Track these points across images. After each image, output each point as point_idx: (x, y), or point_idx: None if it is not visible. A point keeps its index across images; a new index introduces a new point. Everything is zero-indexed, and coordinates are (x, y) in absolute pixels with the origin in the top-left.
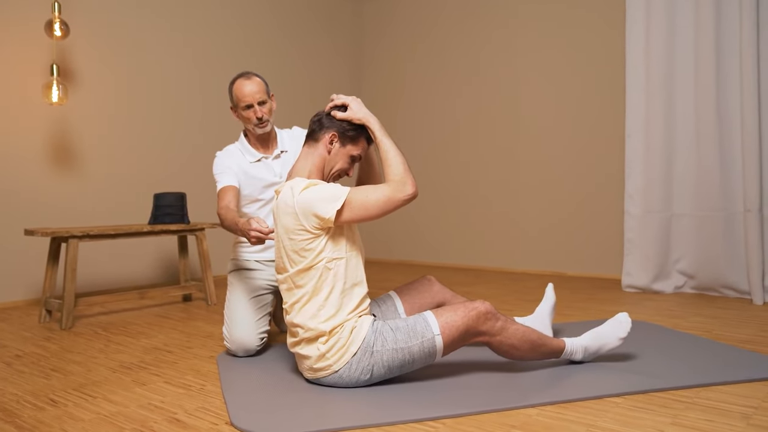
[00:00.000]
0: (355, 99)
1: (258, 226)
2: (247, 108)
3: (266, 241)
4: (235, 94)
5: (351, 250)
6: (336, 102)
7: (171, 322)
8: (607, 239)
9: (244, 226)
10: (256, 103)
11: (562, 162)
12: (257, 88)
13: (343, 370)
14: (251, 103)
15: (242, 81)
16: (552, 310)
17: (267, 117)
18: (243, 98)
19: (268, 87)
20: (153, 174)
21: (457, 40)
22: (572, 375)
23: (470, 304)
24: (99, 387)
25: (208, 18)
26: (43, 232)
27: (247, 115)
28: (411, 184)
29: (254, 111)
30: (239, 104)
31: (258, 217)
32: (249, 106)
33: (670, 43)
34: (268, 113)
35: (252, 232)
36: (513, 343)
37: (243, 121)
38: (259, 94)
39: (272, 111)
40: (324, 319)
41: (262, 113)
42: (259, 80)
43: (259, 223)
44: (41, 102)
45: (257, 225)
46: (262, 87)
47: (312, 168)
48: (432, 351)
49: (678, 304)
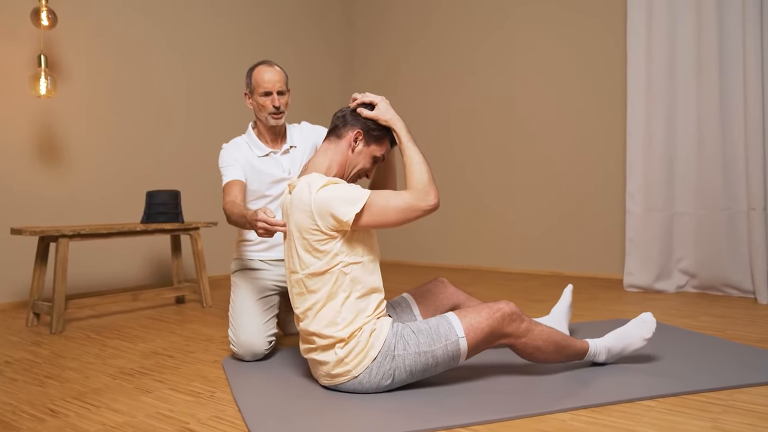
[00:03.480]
0: (383, 99)
1: (265, 216)
2: (265, 95)
3: (275, 234)
4: (255, 79)
5: (368, 253)
6: (364, 99)
7: (166, 325)
8: (607, 238)
9: (252, 217)
10: (275, 91)
11: (562, 161)
12: (278, 77)
13: (363, 376)
14: (270, 91)
15: (264, 67)
16: (568, 311)
17: (283, 108)
18: (263, 84)
19: (288, 80)
20: (146, 171)
21: (452, 40)
22: (599, 377)
23: (494, 305)
24: (100, 395)
25: (199, 10)
26: (32, 231)
27: (263, 103)
28: (434, 194)
29: (272, 99)
30: (257, 90)
31: (266, 207)
32: (267, 93)
33: (672, 40)
34: (284, 105)
35: (259, 222)
36: (538, 345)
37: (257, 109)
38: (279, 83)
39: (288, 105)
40: (342, 327)
41: (280, 103)
42: (281, 70)
43: (267, 213)
44: (28, 94)
45: (264, 216)
46: (283, 77)
47: (331, 164)
48: (456, 354)
49: (683, 304)
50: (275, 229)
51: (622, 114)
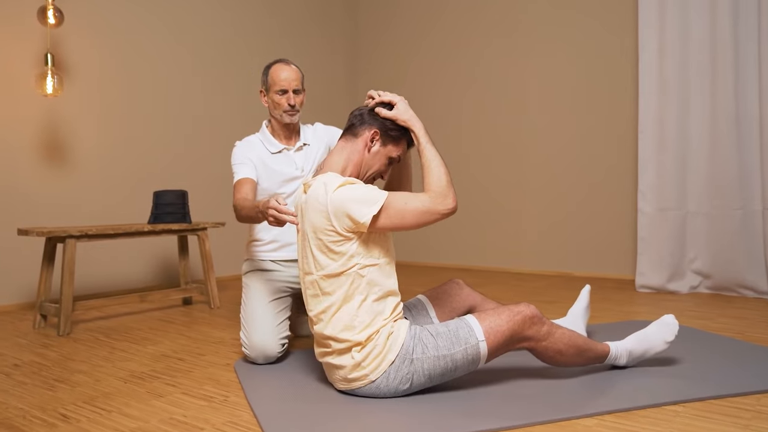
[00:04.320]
0: (402, 99)
1: (276, 204)
2: (282, 93)
3: (285, 225)
4: (272, 76)
5: (384, 255)
6: (383, 98)
7: (175, 327)
8: (619, 238)
9: (264, 205)
10: (291, 90)
11: (572, 159)
12: (295, 75)
13: (381, 380)
14: (287, 89)
15: (282, 65)
16: (586, 312)
17: (299, 107)
18: (279, 82)
19: (303, 79)
20: (153, 170)
21: (459, 39)
22: (621, 381)
23: (515, 307)
24: (112, 399)
25: (206, 10)
26: (39, 232)
27: (278, 101)
28: (453, 197)
29: (288, 98)
30: (273, 87)
31: (279, 195)
32: (283, 92)
33: (685, 36)
34: (300, 103)
35: (270, 210)
36: (559, 348)
37: (272, 106)
38: (295, 82)
39: (302, 104)
40: (358, 331)
41: (296, 101)
42: (297, 69)
43: (279, 201)
44: (35, 93)
45: (275, 203)
46: (299, 76)
47: (347, 164)
48: (476, 358)
49: (697, 305)
50: (284, 218)
51: (633, 111)
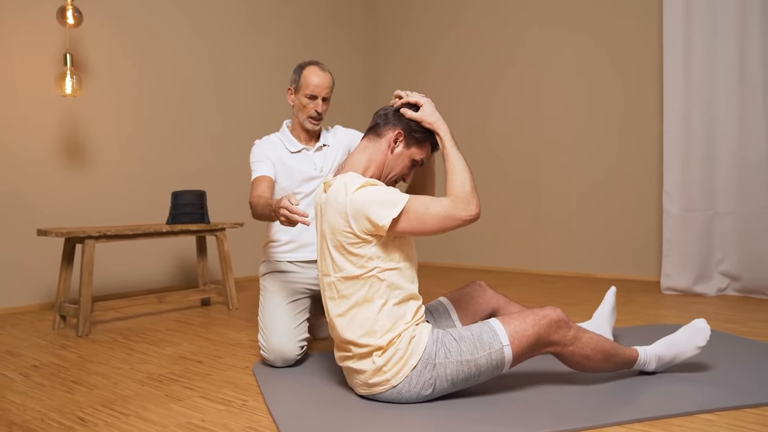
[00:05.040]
0: (429, 101)
1: (287, 203)
2: (311, 98)
3: (297, 225)
4: (305, 78)
5: (405, 259)
6: (409, 99)
7: (193, 329)
8: (643, 239)
9: (276, 205)
10: (321, 97)
11: (594, 158)
12: (327, 82)
13: (402, 385)
14: (317, 95)
15: (316, 69)
16: (612, 315)
17: (323, 115)
18: (311, 86)
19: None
20: (171, 170)
21: (480, 39)
22: (650, 388)
23: (540, 311)
24: (130, 403)
25: (226, 9)
26: (58, 233)
27: (305, 104)
28: (476, 203)
29: (316, 104)
30: (303, 89)
31: (292, 195)
32: (313, 97)
33: (712, 30)
34: (325, 111)
35: (281, 210)
36: (586, 353)
37: (298, 108)
38: (326, 90)
39: (326, 112)
40: (380, 335)
41: (322, 109)
42: (330, 76)
43: (291, 200)
44: (54, 94)
45: (287, 203)
46: (331, 84)
47: (369, 164)
48: (500, 363)
49: (725, 308)
50: (295, 218)
51: (658, 109)
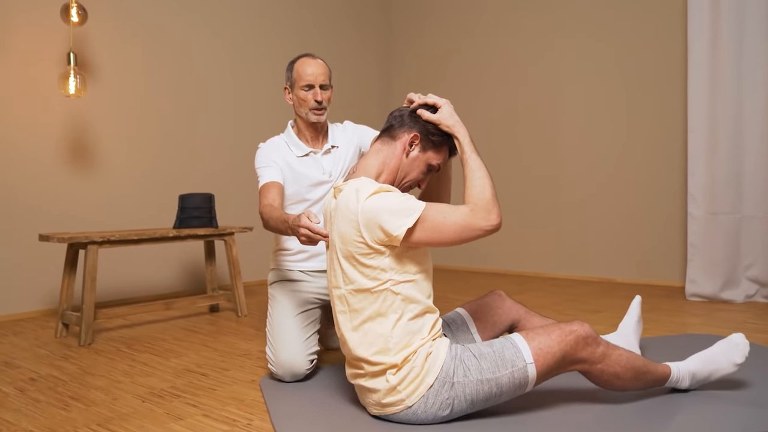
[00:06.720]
0: (447, 102)
1: (309, 222)
2: (308, 89)
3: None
4: (297, 71)
5: (421, 271)
6: (426, 100)
7: (200, 337)
8: (666, 243)
9: (295, 222)
10: (318, 85)
11: (616, 159)
12: (321, 69)
13: (418, 405)
14: (313, 84)
15: (307, 59)
16: (638, 326)
17: (326, 103)
18: (305, 76)
19: (331, 75)
20: (178, 173)
21: (498, 39)
22: (684, 407)
23: (566, 326)
24: (127, 422)
25: (235, 9)
26: (60, 238)
27: (304, 97)
28: (497, 213)
29: (314, 93)
30: (298, 82)
31: (310, 212)
32: (309, 87)
33: (738, 26)
34: (327, 100)
35: (302, 229)
36: (616, 371)
37: (297, 104)
38: (322, 77)
39: (330, 101)
40: (394, 353)
41: (323, 97)
42: (324, 63)
43: (311, 218)
44: (57, 94)
45: (308, 222)
46: (326, 70)
47: (383, 168)
48: (523, 382)
49: (756, 316)
50: (318, 238)
51: (682, 107)
